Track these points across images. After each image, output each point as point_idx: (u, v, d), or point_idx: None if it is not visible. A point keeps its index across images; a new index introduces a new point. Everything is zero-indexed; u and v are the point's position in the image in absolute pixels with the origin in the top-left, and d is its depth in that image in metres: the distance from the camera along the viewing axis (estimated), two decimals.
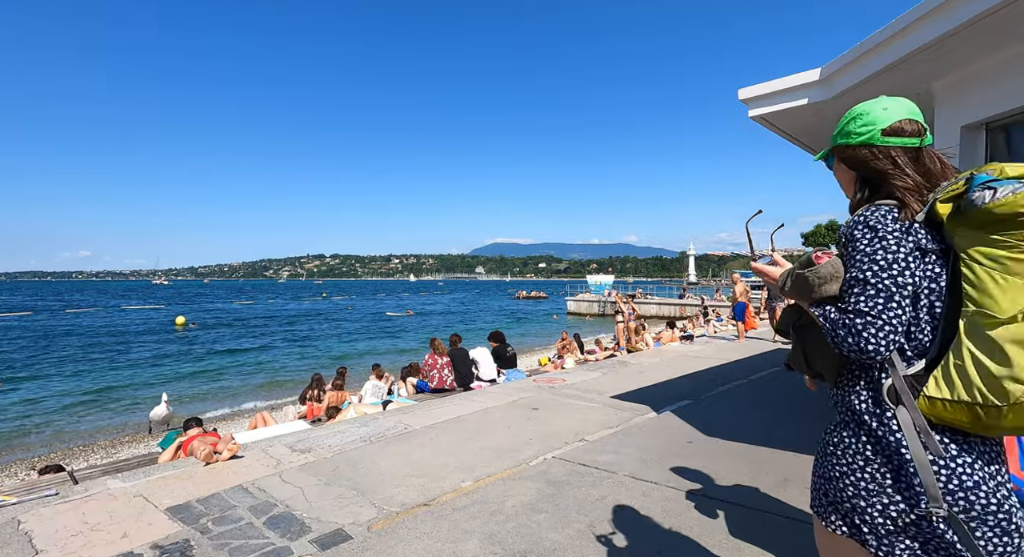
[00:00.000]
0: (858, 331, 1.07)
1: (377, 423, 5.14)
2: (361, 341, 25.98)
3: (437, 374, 7.77)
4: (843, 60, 3.25)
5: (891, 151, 1.17)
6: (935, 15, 2.63)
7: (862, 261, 1.11)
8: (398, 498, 3.26)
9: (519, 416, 5.27)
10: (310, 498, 3.29)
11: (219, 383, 15.10)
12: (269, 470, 3.81)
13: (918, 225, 1.11)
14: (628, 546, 2.58)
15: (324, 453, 4.21)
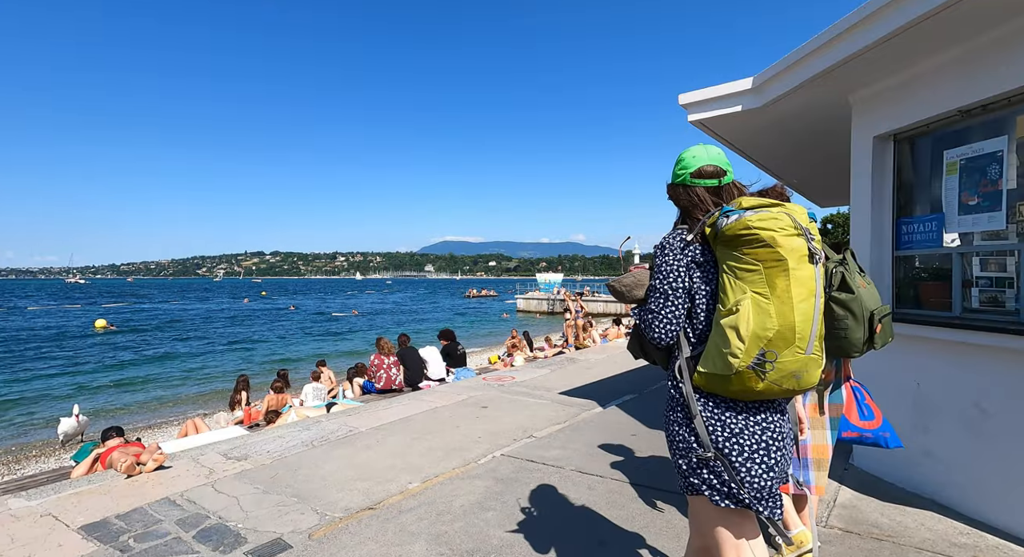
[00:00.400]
0: (648, 323, 1.48)
1: (320, 426, 4.95)
2: (305, 343, 24.96)
3: (384, 374, 7.58)
4: (773, 70, 3.46)
5: (696, 189, 1.52)
6: (850, 33, 2.85)
7: (654, 272, 1.50)
8: (342, 503, 3.15)
9: (468, 415, 5.24)
10: (246, 507, 3.11)
11: (145, 391, 14.01)
12: (200, 480, 3.57)
13: (697, 244, 1.45)
14: (574, 538, 2.62)
15: (262, 460, 4.00)
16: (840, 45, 2.94)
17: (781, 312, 1.28)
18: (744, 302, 1.30)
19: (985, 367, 2.64)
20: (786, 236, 1.30)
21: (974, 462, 2.72)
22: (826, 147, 4.84)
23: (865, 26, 2.76)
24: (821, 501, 3.00)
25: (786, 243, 1.29)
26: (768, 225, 1.29)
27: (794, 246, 1.30)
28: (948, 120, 2.97)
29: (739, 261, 1.33)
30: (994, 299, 2.86)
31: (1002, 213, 2.71)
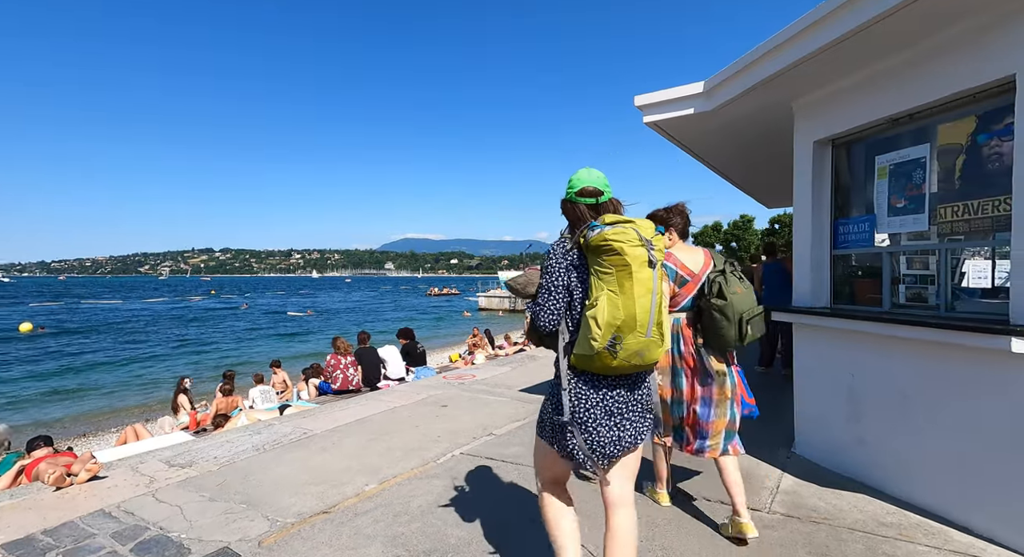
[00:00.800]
0: (536, 314, 1.79)
1: (272, 429, 4.78)
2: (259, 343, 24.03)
3: (341, 374, 7.40)
4: (722, 75, 3.59)
5: (579, 206, 1.84)
6: (789, 45, 3.01)
7: (542, 272, 1.82)
8: (294, 508, 3.05)
9: (428, 414, 5.19)
10: (190, 517, 2.97)
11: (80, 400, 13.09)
12: (140, 490, 3.38)
13: (575, 251, 1.77)
14: (532, 535, 2.64)
15: (209, 466, 3.82)
16: (780, 55, 3.09)
17: (626, 305, 1.63)
18: (601, 297, 1.64)
19: (910, 358, 2.84)
20: (632, 247, 1.63)
21: (899, 447, 2.93)
22: (772, 150, 5.07)
23: (802, 38, 2.92)
24: (765, 488, 3.16)
25: (631, 252, 1.63)
26: (619, 238, 1.64)
27: (637, 254, 1.64)
28: (879, 127, 3.18)
29: (600, 265, 1.67)
30: (919, 295, 3.09)
31: (925, 215, 2.92)
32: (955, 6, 2.41)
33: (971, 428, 2.55)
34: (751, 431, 4.26)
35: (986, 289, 2.89)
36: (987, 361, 2.44)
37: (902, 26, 2.58)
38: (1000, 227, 2.56)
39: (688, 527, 2.71)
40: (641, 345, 1.64)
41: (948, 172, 2.84)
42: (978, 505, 2.54)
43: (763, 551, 2.46)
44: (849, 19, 2.63)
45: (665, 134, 4.59)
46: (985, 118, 2.64)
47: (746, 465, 3.56)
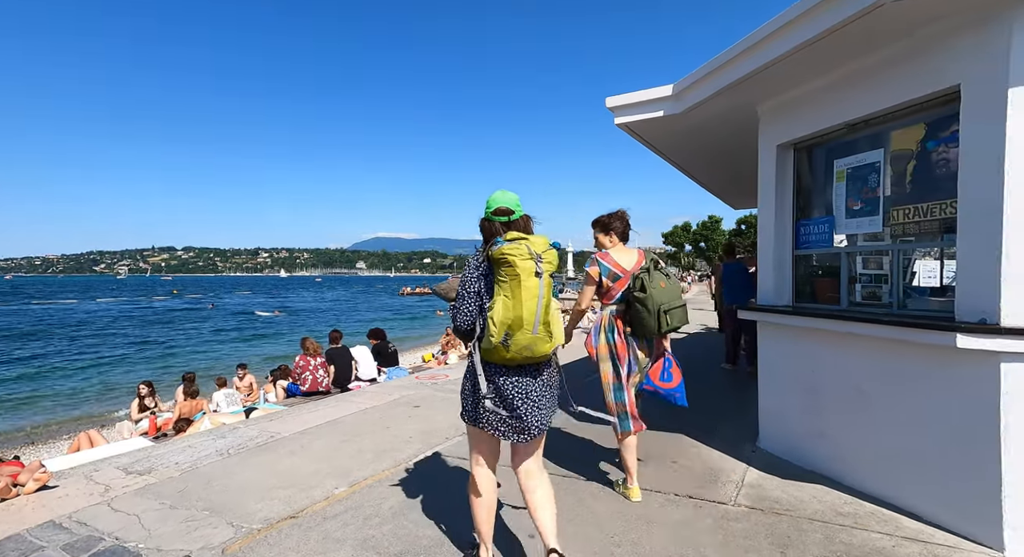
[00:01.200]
0: (454, 314, 2.12)
1: (237, 433, 4.64)
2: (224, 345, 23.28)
3: (310, 376, 7.24)
4: (691, 79, 3.68)
5: (494, 223, 2.15)
6: (753, 51, 3.11)
7: (461, 280, 2.14)
8: (260, 514, 2.97)
9: (400, 415, 5.14)
10: (149, 525, 2.86)
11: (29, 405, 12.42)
12: (94, 499, 3.23)
13: (486, 262, 2.08)
14: (504, 532, 2.65)
15: (169, 472, 3.68)
16: (744, 61, 3.19)
17: (516, 308, 1.94)
18: (497, 301, 1.97)
19: (865, 355, 2.97)
20: (522, 260, 1.95)
21: (856, 440, 3.06)
22: (739, 153, 5.22)
23: (763, 46, 3.02)
24: (731, 482, 3.25)
25: (522, 264, 1.94)
26: (513, 252, 1.95)
27: (526, 266, 1.95)
28: (838, 132, 3.31)
29: (499, 274, 1.99)
30: (873, 294, 3.23)
31: (879, 217, 3.06)
32: (904, 20, 2.53)
33: (920, 421, 2.69)
34: (718, 427, 4.38)
35: (935, 288, 3.05)
36: (934, 357, 2.58)
37: (856, 38, 2.70)
38: (947, 229, 2.70)
39: (658, 520, 2.76)
40: (529, 340, 1.98)
41: (900, 176, 2.98)
42: (926, 494, 2.68)
43: (728, 543, 2.53)
44: (806, 30, 2.73)
45: (636, 136, 4.66)
46: (933, 126, 2.78)
47: (713, 460, 3.65)
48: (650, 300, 2.80)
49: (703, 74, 3.54)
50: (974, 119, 2.44)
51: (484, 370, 2.08)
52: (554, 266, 2.04)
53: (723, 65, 3.34)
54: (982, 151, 2.40)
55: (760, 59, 3.07)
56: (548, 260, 2.02)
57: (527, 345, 1.98)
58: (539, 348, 2.01)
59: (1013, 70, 2.28)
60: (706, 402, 5.31)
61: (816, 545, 2.49)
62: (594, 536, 2.62)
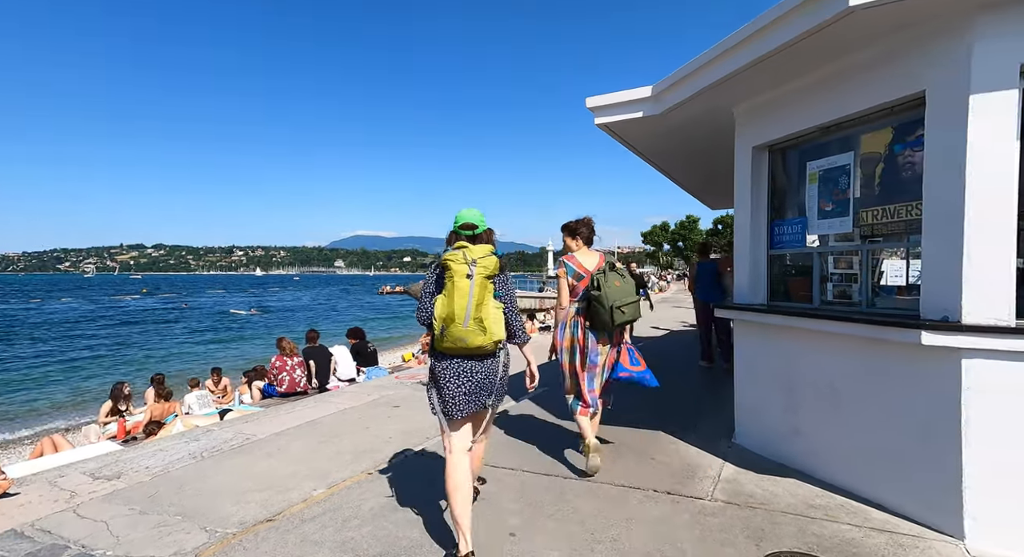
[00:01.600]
0: (419, 312, 2.46)
1: (211, 436, 4.53)
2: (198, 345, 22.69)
3: (287, 376, 7.11)
4: (669, 80, 3.72)
5: (460, 235, 2.51)
6: (729, 54, 3.17)
7: (424, 282, 2.52)
8: (235, 517, 2.91)
9: (379, 415, 5.09)
10: (118, 532, 2.77)
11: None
12: (59, 506, 3.12)
13: (440, 267, 2.42)
14: (484, 532, 2.65)
15: (140, 477, 3.57)
16: (720, 65, 3.25)
17: (449, 305, 2.31)
18: (439, 299, 2.36)
19: (837, 351, 3.06)
20: (457, 265, 2.33)
21: (829, 436, 3.15)
22: (716, 154, 5.31)
23: (739, 50, 3.08)
24: (708, 477, 3.32)
25: (456, 268, 2.33)
26: (450, 259, 2.36)
27: (460, 270, 2.32)
28: (811, 135, 3.39)
29: (444, 278, 2.38)
30: (844, 292, 3.33)
31: (850, 218, 3.15)
32: (873, 27, 2.61)
33: (888, 416, 2.78)
34: (695, 423, 4.46)
35: (901, 287, 3.16)
36: (901, 354, 2.67)
37: (827, 44, 2.77)
38: (913, 230, 2.80)
39: (638, 517, 2.80)
40: (461, 333, 2.29)
41: (869, 178, 3.08)
42: (893, 486, 2.78)
43: (705, 537, 2.58)
44: (778, 35, 2.80)
45: (616, 136, 4.70)
46: (901, 130, 2.88)
47: (691, 456, 3.72)
48: (604, 297, 3.18)
49: (681, 76, 3.59)
50: (938, 124, 2.53)
51: (436, 357, 2.48)
52: (489, 270, 2.35)
53: (700, 68, 3.39)
54: (945, 155, 2.49)
55: (735, 63, 3.13)
56: (483, 265, 2.34)
57: (460, 337, 2.30)
58: (472, 340, 2.30)
59: (974, 77, 2.38)
60: (684, 399, 5.40)
61: (789, 537, 2.56)
62: (576, 533, 2.64)
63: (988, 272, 2.37)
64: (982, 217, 2.38)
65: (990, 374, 2.37)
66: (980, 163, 2.38)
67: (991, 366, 2.36)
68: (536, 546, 2.53)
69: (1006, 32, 2.34)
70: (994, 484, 2.40)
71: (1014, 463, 2.37)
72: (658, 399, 5.36)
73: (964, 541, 2.45)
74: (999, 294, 2.36)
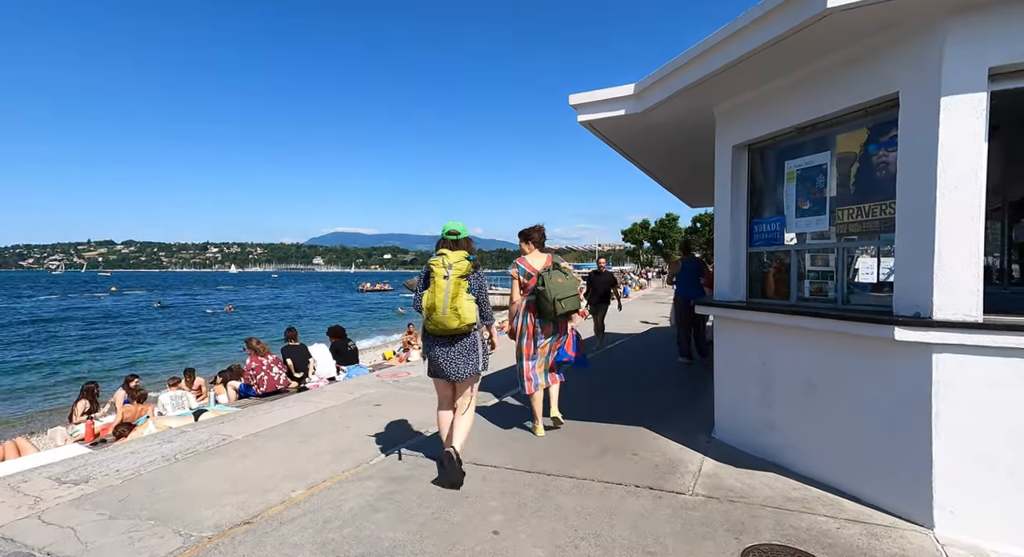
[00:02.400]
0: (414, 301, 3.24)
1: (185, 437, 4.40)
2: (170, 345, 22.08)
3: (265, 376, 6.96)
4: (651, 79, 3.75)
5: (446, 241, 3.29)
6: (708, 55, 3.20)
7: (417, 279, 3.30)
8: (211, 521, 2.83)
9: (360, 414, 5.02)
10: (86, 538, 2.67)
11: None
12: (22, 512, 2.99)
13: (427, 268, 3.18)
14: (468, 530, 2.63)
15: (109, 480, 3.45)
16: (700, 64, 3.28)
17: (432, 297, 3.08)
18: (425, 292, 3.12)
19: (813, 347, 3.13)
20: (437, 267, 3.11)
21: (804, 429, 3.22)
22: (696, 153, 5.37)
23: (718, 50, 3.12)
24: (689, 472, 3.36)
25: (436, 270, 3.11)
26: (433, 263, 3.15)
27: (439, 272, 3.09)
28: (788, 135, 3.45)
29: (429, 277, 3.14)
30: (820, 289, 3.40)
31: (826, 217, 3.22)
32: (849, 30, 2.66)
33: (862, 410, 2.86)
34: (676, 419, 4.51)
35: (875, 284, 3.24)
36: (875, 349, 2.74)
37: (805, 44, 2.82)
38: (886, 228, 2.87)
39: (620, 512, 2.82)
40: (440, 318, 3.07)
41: (845, 178, 3.15)
42: (867, 478, 2.86)
43: (686, 531, 2.61)
44: (757, 36, 2.83)
45: (598, 133, 4.71)
46: (875, 130, 2.94)
47: (672, 451, 3.76)
48: (548, 292, 3.84)
49: (663, 75, 3.61)
50: (911, 125, 2.60)
51: (426, 335, 3.27)
52: (462, 271, 3.10)
53: (680, 67, 3.42)
54: (917, 156, 2.56)
55: (715, 63, 3.17)
56: (457, 268, 3.10)
57: (440, 321, 3.08)
58: (448, 323, 3.07)
59: (945, 80, 2.44)
60: (665, 395, 5.46)
61: (768, 530, 2.61)
62: (559, 530, 2.64)
63: (957, 270, 2.45)
64: (952, 217, 2.45)
65: (959, 368, 2.45)
66: (950, 164, 2.45)
67: (960, 360, 2.44)
68: (520, 543, 2.52)
69: (976, 36, 2.41)
70: (962, 474, 2.49)
71: (981, 454, 2.45)
72: (639, 396, 5.41)
73: (934, 530, 2.53)
74: (968, 291, 2.44)
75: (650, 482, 3.21)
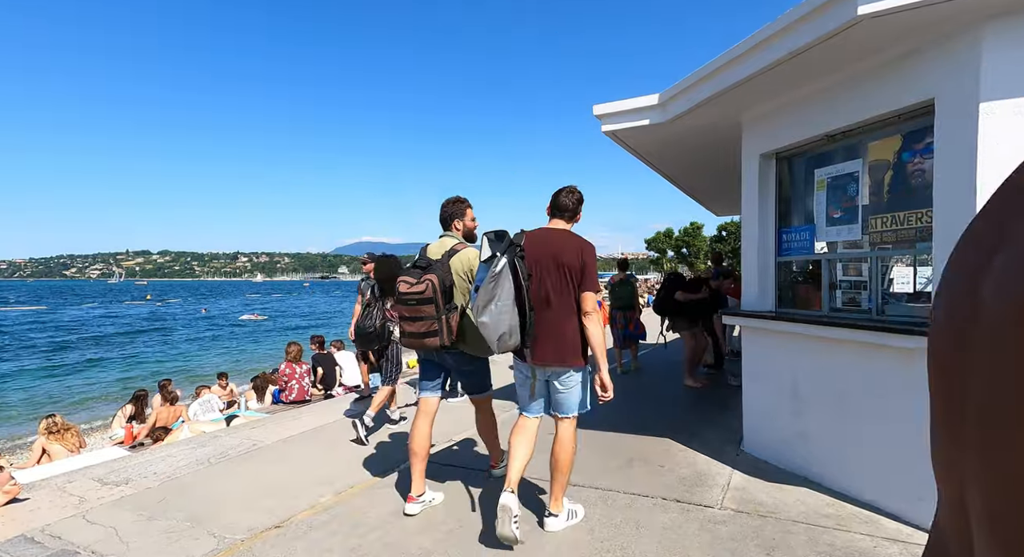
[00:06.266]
0: None
1: (219, 442, 4.54)
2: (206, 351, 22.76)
3: (296, 384, 7.12)
4: (676, 89, 3.74)
5: None
6: (735, 63, 3.19)
7: None
8: (243, 524, 2.91)
9: (388, 421, 5.08)
10: (127, 538, 2.77)
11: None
12: (68, 511, 3.13)
13: None
14: (493, 539, 2.64)
15: (147, 482, 3.58)
16: (728, 72, 3.26)
17: None
18: None
19: (846, 358, 3.05)
20: None
21: (837, 443, 3.13)
22: (723, 162, 5.32)
23: (746, 59, 3.10)
24: (717, 485, 3.29)
25: None
26: None
27: None
28: (817, 143, 3.40)
29: None
30: (853, 300, 3.32)
31: (859, 226, 3.15)
32: (881, 36, 2.62)
33: (897, 424, 2.76)
34: (704, 432, 4.43)
35: (911, 294, 3.14)
36: (912, 361, 2.66)
37: (834, 52, 2.79)
38: (922, 237, 2.80)
39: (646, 525, 2.78)
40: None
41: (878, 186, 3.08)
42: (905, 495, 2.75)
43: (715, 545, 2.56)
44: (785, 44, 2.81)
45: (622, 143, 4.72)
46: (909, 137, 2.88)
47: (699, 463, 3.69)
48: None
49: (688, 84, 3.61)
50: (947, 132, 2.54)
51: None
52: None
53: (707, 76, 3.41)
54: (955, 163, 2.49)
55: (742, 72, 3.15)
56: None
57: None
58: None
59: (983, 84, 2.38)
60: (692, 406, 5.37)
61: (801, 546, 2.54)
62: (584, 540, 2.63)
63: None
64: None
65: None
66: (991, 170, 2.38)
67: None
68: (545, 554, 2.51)
69: (1016, 39, 2.34)
70: None
71: None
72: (664, 406, 5.33)
73: None
74: None
75: (677, 495, 3.16)
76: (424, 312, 2.84)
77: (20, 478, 3.60)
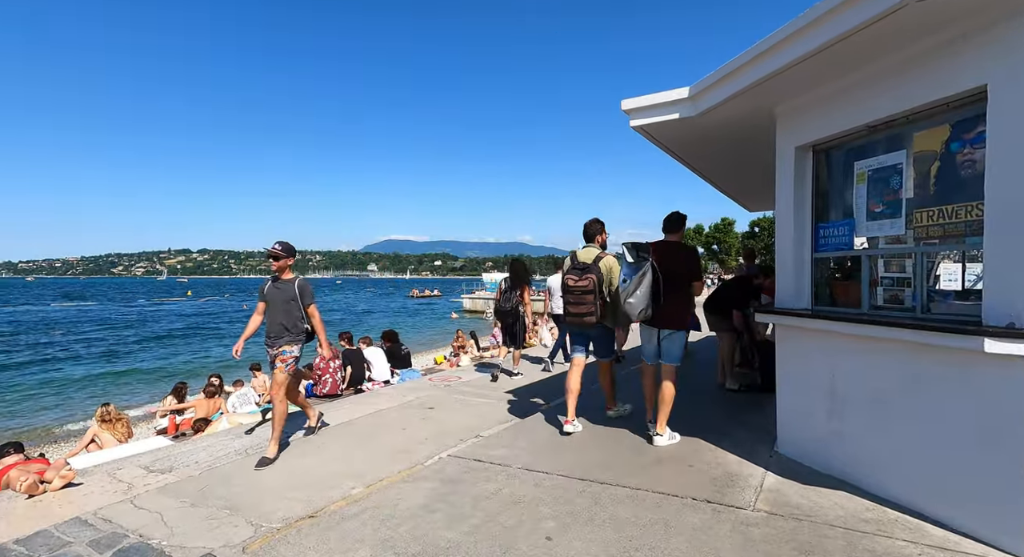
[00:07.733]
0: None
1: (255, 433, 4.70)
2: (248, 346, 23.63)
3: (330, 378, 7.31)
4: (707, 81, 3.65)
5: None
6: (771, 53, 3.07)
7: None
8: (279, 513, 3.01)
9: (414, 416, 5.16)
10: (171, 523, 2.91)
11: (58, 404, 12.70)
12: (118, 496, 3.30)
13: None
14: (521, 535, 2.65)
15: (190, 471, 3.74)
16: (762, 63, 3.16)
17: None
18: None
19: (890, 358, 2.92)
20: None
21: (877, 445, 3.01)
22: (755, 155, 5.17)
23: (782, 47, 2.98)
24: (750, 487, 3.21)
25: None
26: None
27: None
28: (858, 134, 3.26)
29: None
30: (895, 297, 3.18)
31: (902, 220, 3.01)
32: (928, 20, 2.49)
33: (944, 426, 2.63)
34: (735, 431, 4.33)
35: (959, 291, 2.99)
36: (960, 361, 2.53)
37: (877, 39, 2.66)
38: (972, 232, 2.65)
39: (676, 525, 2.74)
40: None
41: (924, 178, 2.93)
42: (952, 501, 2.62)
43: (748, 548, 2.50)
44: (826, 31, 2.70)
45: (651, 138, 4.64)
46: (959, 126, 2.73)
47: (731, 464, 3.61)
48: None
49: (720, 76, 3.52)
50: (1002, 120, 2.39)
51: None
52: None
53: (740, 67, 3.32)
54: (1011, 152, 2.35)
55: (778, 61, 3.05)
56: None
57: None
58: None
59: None
60: (722, 405, 5.25)
61: (839, 552, 2.45)
62: (612, 539, 2.61)
63: None
64: None
65: None
66: None
67: None
68: (574, 551, 2.51)
69: None
70: None
71: None
72: (695, 406, 5.24)
73: None
74: None
75: (708, 495, 3.10)
76: (586, 300, 4.06)
77: (75, 464, 3.82)
